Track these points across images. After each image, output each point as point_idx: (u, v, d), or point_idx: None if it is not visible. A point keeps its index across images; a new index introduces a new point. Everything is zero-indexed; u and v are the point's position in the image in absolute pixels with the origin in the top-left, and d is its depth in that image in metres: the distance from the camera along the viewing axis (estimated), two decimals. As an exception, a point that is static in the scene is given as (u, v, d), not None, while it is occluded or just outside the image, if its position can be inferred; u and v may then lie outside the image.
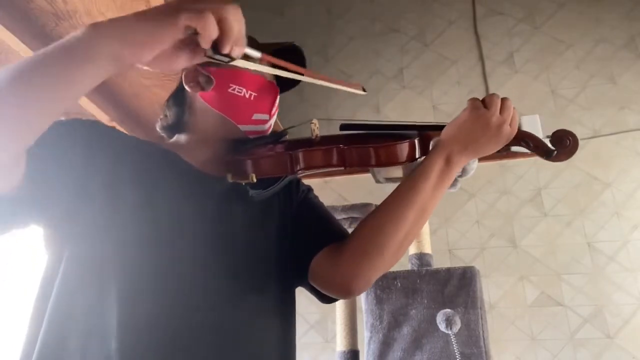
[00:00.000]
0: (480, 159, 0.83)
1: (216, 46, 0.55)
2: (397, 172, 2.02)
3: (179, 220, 0.72)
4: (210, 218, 0.75)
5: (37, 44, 1.39)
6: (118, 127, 1.77)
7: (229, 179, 0.77)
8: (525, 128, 0.81)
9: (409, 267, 1.79)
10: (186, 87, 0.84)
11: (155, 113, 1.84)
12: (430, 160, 0.75)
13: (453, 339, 1.31)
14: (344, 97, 2.84)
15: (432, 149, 0.76)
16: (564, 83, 2.64)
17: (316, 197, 0.93)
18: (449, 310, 1.42)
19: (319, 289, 0.80)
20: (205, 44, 0.55)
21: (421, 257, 1.77)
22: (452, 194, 2.38)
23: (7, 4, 1.28)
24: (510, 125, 0.74)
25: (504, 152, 0.79)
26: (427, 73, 2.85)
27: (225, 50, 0.56)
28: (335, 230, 0.83)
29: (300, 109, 2.75)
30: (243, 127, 0.82)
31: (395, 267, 1.82)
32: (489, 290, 2.29)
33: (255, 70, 0.81)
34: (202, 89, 0.82)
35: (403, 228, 0.74)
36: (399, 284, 1.65)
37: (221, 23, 0.54)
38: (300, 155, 0.75)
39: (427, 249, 1.80)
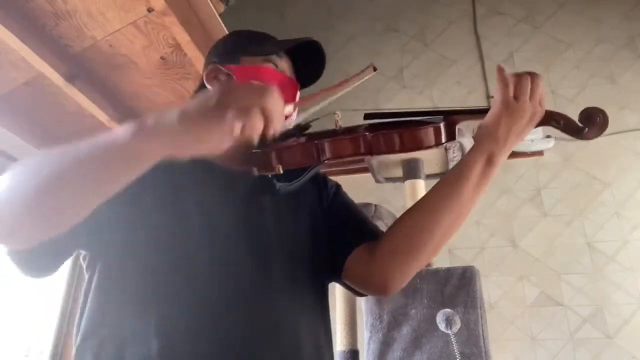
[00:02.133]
0: None
1: (262, 137, 0.55)
2: (397, 171, 2.02)
3: (210, 218, 0.72)
4: (240, 214, 0.75)
5: (37, 44, 1.39)
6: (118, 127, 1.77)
7: (255, 172, 0.76)
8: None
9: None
10: (207, 85, 0.84)
11: (155, 111, 1.84)
12: (471, 160, 0.73)
13: (453, 339, 1.31)
14: (343, 96, 2.83)
15: (470, 149, 0.74)
16: (564, 83, 2.64)
17: (346, 193, 0.93)
18: (448, 310, 1.42)
19: (354, 287, 0.80)
20: (254, 139, 0.53)
21: (421, 257, 1.77)
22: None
23: (7, 3, 1.28)
24: (540, 104, 0.71)
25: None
26: (427, 73, 2.85)
27: (269, 135, 0.55)
28: (369, 229, 0.83)
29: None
30: None
31: (395, 267, 1.82)
32: (489, 290, 2.29)
33: (276, 67, 0.82)
34: None
35: (441, 228, 0.73)
36: (399, 284, 1.65)
37: (265, 114, 0.52)
38: (326, 144, 0.75)
39: (427, 249, 1.80)
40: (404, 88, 2.85)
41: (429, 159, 1.99)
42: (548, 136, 2.42)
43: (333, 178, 0.97)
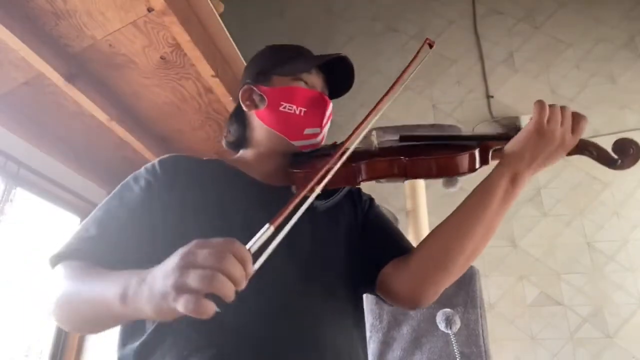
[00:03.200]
0: None
1: None
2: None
3: (248, 232, 0.74)
4: None
5: (37, 43, 1.39)
6: (118, 127, 1.77)
7: (293, 190, 0.80)
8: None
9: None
10: (242, 105, 0.89)
11: (154, 111, 1.84)
12: (496, 179, 0.74)
13: (453, 339, 1.31)
14: (343, 96, 2.83)
15: (496, 166, 0.76)
16: (563, 82, 2.65)
17: (379, 206, 0.95)
18: (448, 309, 1.42)
19: (386, 300, 0.83)
20: (228, 299, 0.49)
21: (421, 257, 1.77)
22: (452, 194, 2.38)
23: (7, 3, 1.28)
24: (573, 133, 0.73)
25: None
26: (427, 72, 2.85)
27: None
28: (401, 244, 0.85)
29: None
30: (296, 143, 0.85)
31: (395, 267, 1.82)
32: (489, 289, 2.29)
33: (306, 84, 0.86)
34: (257, 107, 0.87)
35: (469, 245, 0.75)
36: (399, 284, 1.65)
37: (230, 277, 0.48)
38: (363, 167, 0.78)
39: (427, 249, 1.80)
40: (404, 88, 2.84)
41: (429, 158, 1.99)
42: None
43: None
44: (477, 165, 0.77)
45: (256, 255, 0.52)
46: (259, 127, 0.88)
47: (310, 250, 0.78)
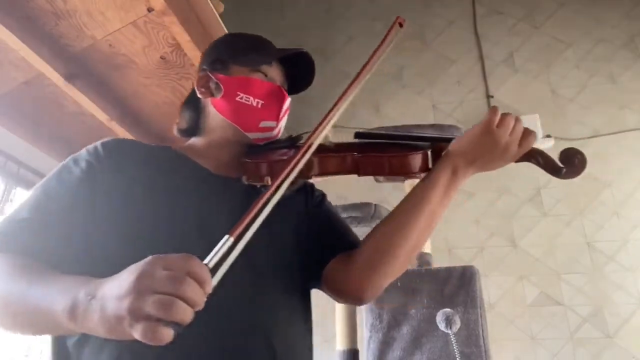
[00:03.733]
0: None
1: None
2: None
3: (198, 222, 0.73)
4: (229, 220, 0.74)
5: (37, 43, 1.39)
6: (118, 127, 1.77)
7: (244, 180, 0.79)
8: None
9: (408, 266, 1.79)
10: (197, 91, 0.86)
11: (154, 111, 1.84)
12: (438, 171, 0.76)
13: (453, 339, 1.31)
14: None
15: (440, 160, 0.77)
16: (563, 82, 2.65)
17: (330, 203, 0.94)
18: (448, 309, 1.42)
19: (330, 294, 0.82)
20: (184, 322, 0.47)
21: (421, 257, 1.77)
22: (452, 194, 2.38)
23: (7, 3, 1.28)
24: (519, 145, 0.74)
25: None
26: (426, 72, 2.85)
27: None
28: (348, 239, 0.85)
29: (298, 110, 2.75)
30: (251, 135, 0.84)
31: (395, 267, 1.82)
32: (489, 289, 2.29)
33: (265, 76, 0.84)
34: (212, 95, 0.85)
35: (411, 237, 0.75)
36: (399, 284, 1.65)
37: (187, 302, 0.46)
38: (315, 161, 0.77)
39: (427, 249, 1.81)
40: (404, 88, 2.85)
41: (429, 158, 1.99)
42: (548, 136, 2.42)
43: (333, 178, 0.98)
44: (430, 166, 0.78)
45: (214, 268, 0.49)
46: (213, 115, 0.86)
47: (260, 247, 0.74)
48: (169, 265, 0.47)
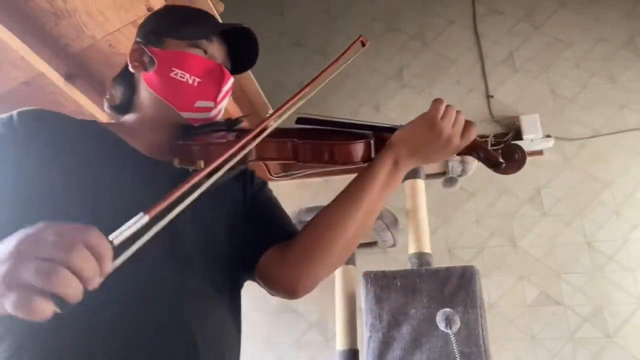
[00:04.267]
0: None
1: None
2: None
3: (122, 207, 0.65)
4: (150, 204, 0.71)
5: (37, 43, 1.39)
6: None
7: (176, 164, 0.74)
8: (524, 127, 0.81)
9: (408, 266, 1.79)
10: (130, 66, 0.80)
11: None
12: (379, 161, 0.74)
13: (453, 338, 1.31)
14: (344, 96, 2.84)
15: (382, 149, 0.75)
16: (563, 82, 2.64)
17: (270, 191, 0.90)
18: (448, 309, 1.42)
19: (264, 287, 0.78)
20: (71, 300, 0.40)
21: (420, 257, 1.77)
22: (452, 194, 2.38)
23: (7, 3, 1.28)
24: (461, 137, 0.73)
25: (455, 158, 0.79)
26: (426, 72, 2.85)
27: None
28: (284, 229, 0.80)
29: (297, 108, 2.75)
30: (185, 114, 0.78)
31: (395, 267, 1.83)
32: (489, 289, 2.29)
33: (205, 53, 0.77)
34: (145, 69, 0.78)
35: (350, 228, 0.72)
36: (399, 283, 1.65)
37: (76, 273, 0.39)
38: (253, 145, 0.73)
39: (427, 249, 1.80)
40: (403, 87, 2.85)
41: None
42: (548, 136, 2.42)
43: (332, 179, 0.96)
44: (373, 156, 0.76)
45: (121, 248, 0.42)
46: (146, 92, 0.79)
47: (185, 229, 0.71)
48: (62, 232, 0.40)
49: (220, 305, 0.74)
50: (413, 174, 1.93)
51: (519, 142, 2.41)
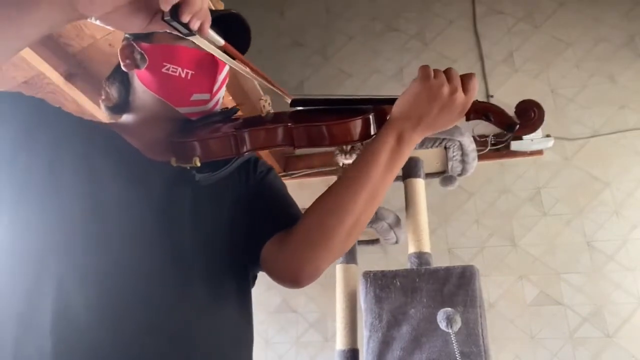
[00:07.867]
0: (480, 158, 0.81)
1: (176, 13, 0.52)
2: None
3: (123, 208, 0.68)
4: (156, 205, 0.70)
5: (37, 43, 1.38)
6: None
7: (173, 163, 0.73)
8: (524, 127, 0.77)
9: (408, 266, 1.79)
10: (122, 64, 0.78)
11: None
12: (381, 139, 0.69)
13: (453, 338, 1.31)
14: (345, 91, 2.83)
15: (383, 126, 0.70)
16: (563, 82, 2.64)
17: (277, 177, 0.86)
18: (449, 309, 1.42)
19: (270, 276, 0.75)
20: (165, 5, 0.51)
21: (420, 256, 1.77)
22: (452, 193, 2.38)
23: (6, 2, 1.28)
24: (464, 91, 0.68)
25: (471, 123, 0.74)
26: (426, 72, 2.85)
27: (185, 19, 0.53)
28: (287, 216, 0.77)
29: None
30: (182, 110, 0.76)
31: (395, 266, 1.83)
32: (489, 289, 2.29)
33: (192, 44, 0.73)
34: (137, 66, 0.77)
35: (353, 213, 0.68)
36: (398, 283, 1.65)
37: None
38: (246, 135, 0.70)
39: (427, 248, 1.81)
40: (403, 87, 2.83)
41: (429, 157, 1.99)
42: (548, 135, 2.42)
43: (333, 179, 0.93)
44: (373, 132, 0.71)
45: None
46: (140, 90, 0.77)
47: (186, 228, 0.71)
48: None
49: (225, 305, 0.72)
50: (412, 173, 1.93)
51: (519, 142, 2.41)
